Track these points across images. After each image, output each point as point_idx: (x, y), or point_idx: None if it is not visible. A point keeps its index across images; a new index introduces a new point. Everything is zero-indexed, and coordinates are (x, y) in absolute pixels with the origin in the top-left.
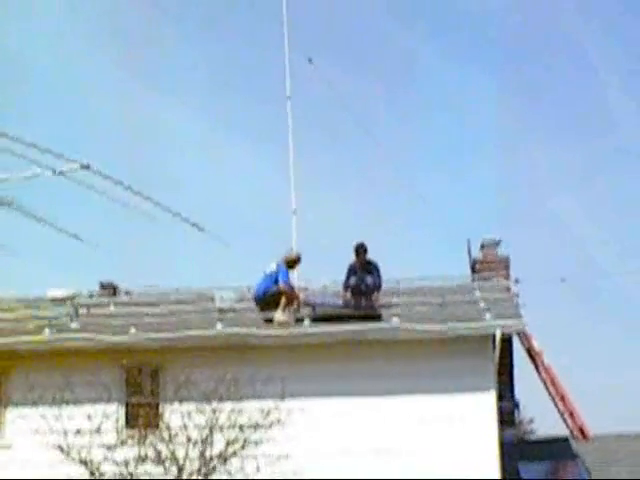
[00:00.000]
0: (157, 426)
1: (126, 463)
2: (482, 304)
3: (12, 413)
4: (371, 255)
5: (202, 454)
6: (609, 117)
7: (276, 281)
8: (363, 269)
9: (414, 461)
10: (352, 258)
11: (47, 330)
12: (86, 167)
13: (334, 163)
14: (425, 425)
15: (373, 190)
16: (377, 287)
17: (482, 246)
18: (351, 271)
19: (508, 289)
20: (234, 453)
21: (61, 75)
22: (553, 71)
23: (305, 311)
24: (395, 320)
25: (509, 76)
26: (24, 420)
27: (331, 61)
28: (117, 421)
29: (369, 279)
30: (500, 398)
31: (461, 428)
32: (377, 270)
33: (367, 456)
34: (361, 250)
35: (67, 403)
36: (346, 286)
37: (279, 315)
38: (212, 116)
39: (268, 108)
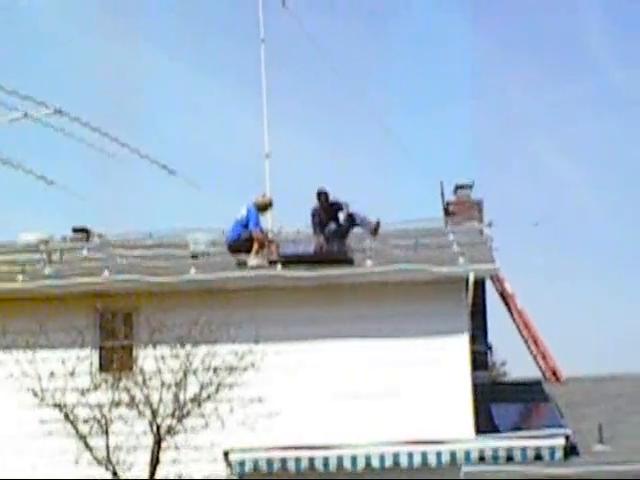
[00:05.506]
0: (131, 370)
1: (100, 407)
2: (455, 247)
3: None
4: (344, 198)
5: (176, 398)
6: (588, 58)
7: (246, 226)
8: (327, 214)
9: (387, 403)
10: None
11: (20, 276)
12: (59, 112)
13: (308, 106)
14: (399, 368)
15: (347, 133)
16: (352, 223)
17: (455, 189)
18: (315, 216)
19: (481, 232)
20: (208, 396)
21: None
22: (532, 8)
23: (278, 255)
24: (368, 263)
25: (486, 15)
26: None
27: (305, 4)
28: (91, 365)
29: (337, 222)
30: (473, 341)
31: (435, 371)
32: (346, 207)
33: (341, 399)
34: (322, 197)
35: (41, 347)
36: (318, 231)
37: (252, 259)
38: (186, 60)
39: (242, 51)
